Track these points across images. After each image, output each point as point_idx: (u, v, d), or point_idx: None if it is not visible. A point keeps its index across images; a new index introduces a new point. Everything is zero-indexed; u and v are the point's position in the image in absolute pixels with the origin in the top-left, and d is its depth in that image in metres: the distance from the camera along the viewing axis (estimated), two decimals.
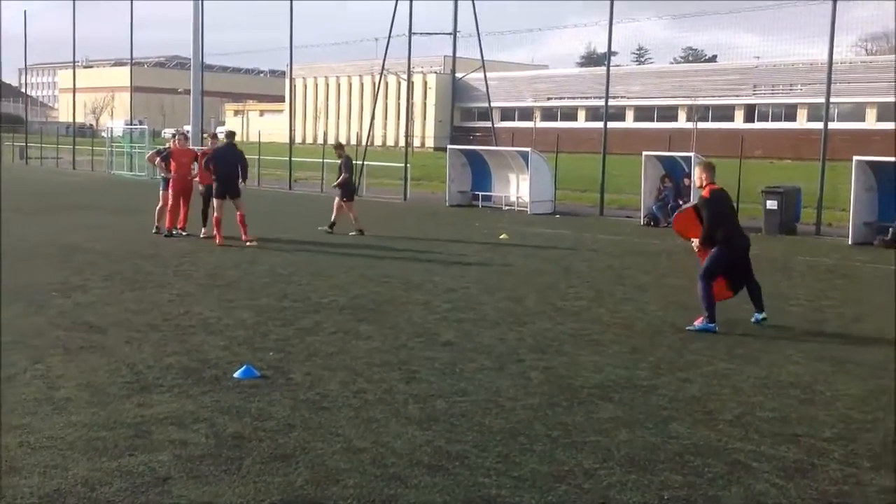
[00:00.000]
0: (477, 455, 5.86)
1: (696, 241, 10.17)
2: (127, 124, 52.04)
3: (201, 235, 17.27)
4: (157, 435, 6.03)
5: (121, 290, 11.57)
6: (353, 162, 20.26)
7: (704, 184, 10.12)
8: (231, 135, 18.20)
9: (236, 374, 7.55)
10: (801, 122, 68.99)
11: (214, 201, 16.73)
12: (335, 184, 19.32)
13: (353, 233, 18.47)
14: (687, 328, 9.88)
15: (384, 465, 5.64)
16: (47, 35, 55.37)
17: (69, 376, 7.41)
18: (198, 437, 6.03)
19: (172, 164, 17.61)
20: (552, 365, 8.27)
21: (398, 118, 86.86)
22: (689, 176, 21.65)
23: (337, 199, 19.11)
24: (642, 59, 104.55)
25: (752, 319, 10.31)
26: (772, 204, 20.44)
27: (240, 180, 16.92)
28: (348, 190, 19.17)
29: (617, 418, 6.71)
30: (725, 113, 74.80)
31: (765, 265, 15.52)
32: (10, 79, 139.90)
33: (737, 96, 74.67)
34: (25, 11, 50.66)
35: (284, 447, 5.89)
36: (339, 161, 19.34)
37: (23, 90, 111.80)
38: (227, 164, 16.76)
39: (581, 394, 7.34)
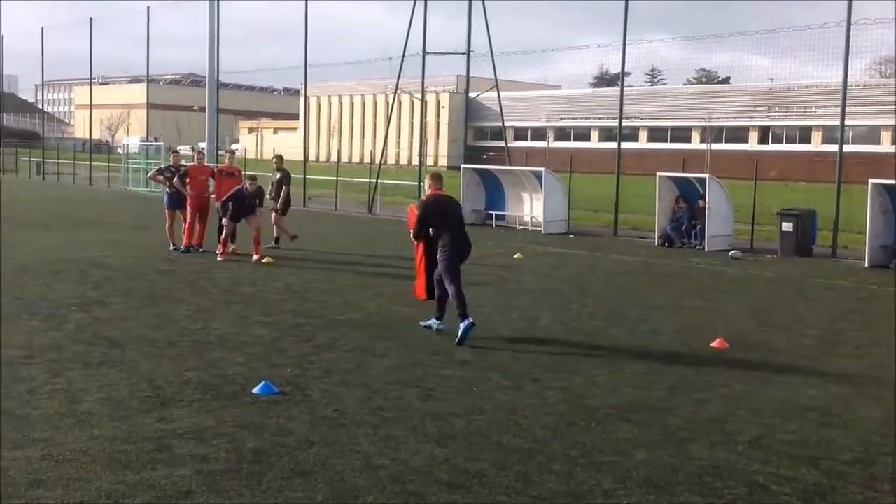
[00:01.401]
0: (496, 474, 5.88)
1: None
2: (143, 141, 52.38)
3: (217, 252, 17.35)
4: (178, 449, 6.07)
5: (139, 305, 11.64)
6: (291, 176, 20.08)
7: (430, 191, 10.72)
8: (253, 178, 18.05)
9: (255, 390, 7.59)
10: (816, 145, 68.86)
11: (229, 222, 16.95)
12: (280, 200, 18.91)
13: (271, 245, 18.32)
14: (420, 322, 10.65)
15: (403, 482, 5.66)
16: (64, 51, 55.78)
17: (90, 390, 7.46)
18: (218, 451, 6.06)
19: (188, 181, 17.74)
20: (568, 384, 8.28)
21: (411, 137, 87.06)
22: (703, 197, 21.66)
23: (275, 215, 18.89)
24: (655, 80, 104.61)
25: (433, 325, 10.53)
26: (787, 226, 20.41)
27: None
28: (286, 204, 19.13)
29: (635, 439, 6.72)
30: (740, 134, 74.71)
31: (781, 287, 15.52)
32: (27, 94, 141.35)
33: (751, 118, 74.61)
34: (43, 28, 51.14)
35: (304, 463, 5.92)
36: (277, 175, 19.23)
37: (39, 106, 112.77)
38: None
39: (598, 414, 7.35)
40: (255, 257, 16.55)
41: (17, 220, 23.95)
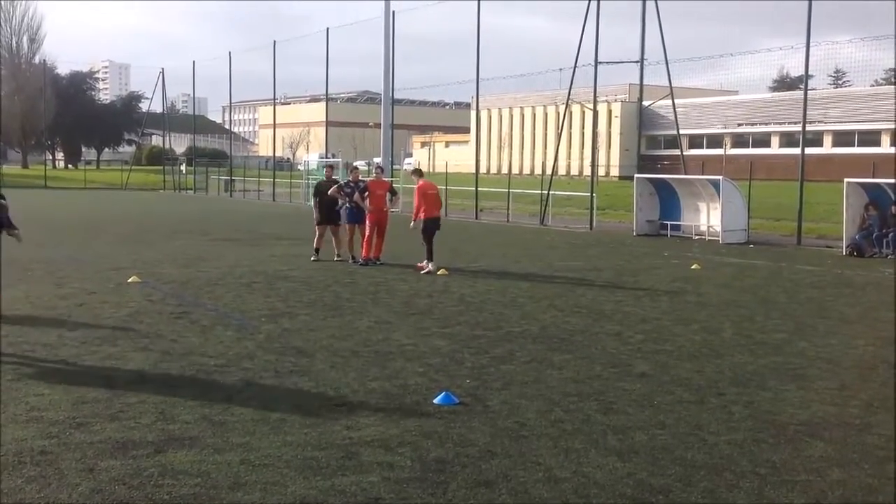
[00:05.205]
0: (681, 489, 5.76)
1: None
2: (321, 157, 54.35)
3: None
4: (366, 457, 6.26)
5: (323, 316, 12.08)
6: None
7: None
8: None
9: (436, 400, 7.73)
10: None
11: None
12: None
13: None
14: None
15: (587, 495, 5.63)
16: (248, 74, 58.88)
17: (282, 398, 7.81)
18: (403, 460, 6.22)
19: (367, 196, 18.24)
20: (754, 399, 8.02)
21: (582, 147, 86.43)
22: None
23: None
24: (840, 82, 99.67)
25: None
26: None
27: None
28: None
29: (828, 457, 6.43)
30: None
31: None
32: (215, 116, 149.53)
33: None
34: (230, 52, 54.01)
35: (487, 473, 5.99)
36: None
37: (226, 126, 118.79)
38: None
39: (788, 430, 7.07)
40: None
41: (208, 235, 25.37)
